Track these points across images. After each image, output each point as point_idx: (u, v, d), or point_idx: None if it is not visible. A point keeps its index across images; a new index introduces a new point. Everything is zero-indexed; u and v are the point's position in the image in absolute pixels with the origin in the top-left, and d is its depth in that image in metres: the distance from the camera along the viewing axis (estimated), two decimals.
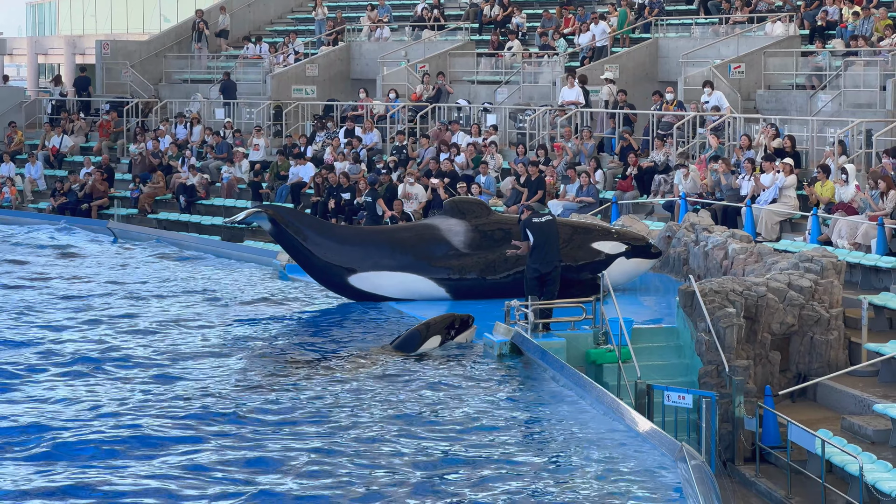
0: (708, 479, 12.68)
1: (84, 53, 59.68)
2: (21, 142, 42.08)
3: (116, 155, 40.23)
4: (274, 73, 40.37)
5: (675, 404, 16.90)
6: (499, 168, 31.15)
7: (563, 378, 17.29)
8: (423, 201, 29.90)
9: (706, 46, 33.23)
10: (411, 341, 19.74)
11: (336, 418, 15.80)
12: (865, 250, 21.98)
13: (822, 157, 25.67)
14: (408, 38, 41.00)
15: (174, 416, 15.81)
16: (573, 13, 38.08)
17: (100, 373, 18.11)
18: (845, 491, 15.34)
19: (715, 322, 18.03)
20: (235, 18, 47.00)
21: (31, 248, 31.25)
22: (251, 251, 30.04)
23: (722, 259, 21.70)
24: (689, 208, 25.79)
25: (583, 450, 14.69)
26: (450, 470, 13.97)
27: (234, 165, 35.67)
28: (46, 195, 38.38)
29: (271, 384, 17.54)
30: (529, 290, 19.72)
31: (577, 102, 32.46)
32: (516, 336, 18.94)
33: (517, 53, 36.96)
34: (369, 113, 36.26)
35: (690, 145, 29.02)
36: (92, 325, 21.51)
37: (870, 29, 30.49)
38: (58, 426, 15.22)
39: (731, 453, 17.24)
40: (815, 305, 19.11)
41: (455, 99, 36.01)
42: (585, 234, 22.89)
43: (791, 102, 30.12)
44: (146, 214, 36.00)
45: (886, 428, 16.74)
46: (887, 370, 18.46)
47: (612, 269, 21.87)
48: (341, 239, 23.38)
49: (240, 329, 21.44)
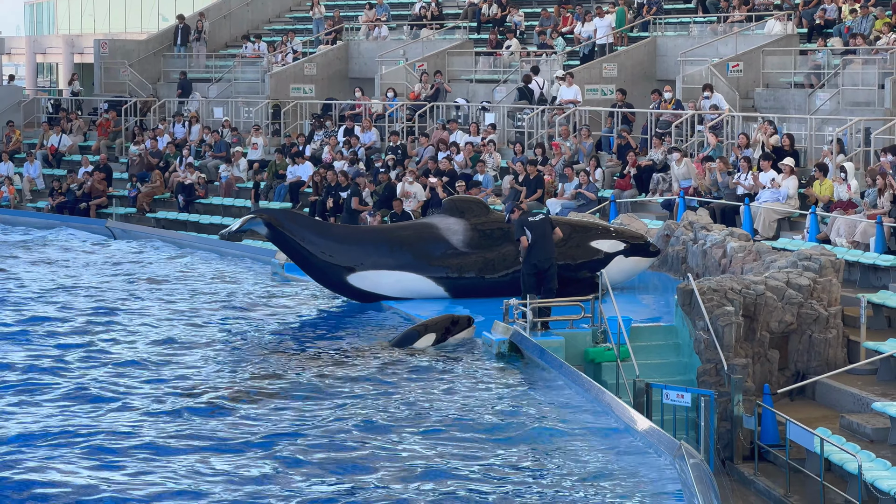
0: (707, 477, 12.69)
1: (82, 52, 59.63)
2: (19, 141, 42.08)
3: (115, 154, 40.21)
4: (272, 72, 40.36)
5: (674, 403, 16.90)
6: (497, 167, 31.15)
7: (562, 377, 17.30)
8: (422, 200, 29.89)
9: (704, 45, 33.22)
10: (408, 340, 19.81)
11: (333, 415, 15.81)
12: (864, 248, 21.98)
13: (820, 155, 25.66)
14: (406, 37, 40.98)
15: (170, 414, 15.81)
16: (571, 12, 38.06)
17: (97, 369, 18.11)
18: (844, 489, 15.34)
19: (713, 320, 18.03)
20: (234, 18, 46.99)
21: (29, 246, 31.27)
22: (249, 250, 30.04)
23: (720, 257, 21.70)
24: (686, 203, 25.80)
25: (581, 448, 14.69)
26: (445, 469, 13.96)
27: (233, 164, 35.67)
28: (45, 194, 38.36)
29: (268, 382, 17.55)
30: (527, 288, 19.76)
31: (576, 101, 32.47)
32: (515, 335, 18.95)
33: (515, 52, 36.96)
34: (367, 112, 36.26)
35: (689, 144, 29.01)
36: (91, 323, 21.52)
37: (868, 27, 30.49)
38: (56, 425, 15.25)
39: (729, 452, 17.24)
40: (814, 304, 19.11)
41: (453, 98, 36.01)
42: (584, 232, 22.90)
43: (789, 101, 30.12)
44: (145, 213, 35.99)
45: (885, 426, 16.74)
46: (886, 368, 18.46)
47: (610, 268, 21.89)
48: (339, 238, 23.38)
49: (238, 327, 21.44)
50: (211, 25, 45.85)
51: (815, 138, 26.88)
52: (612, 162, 29.90)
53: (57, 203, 36.92)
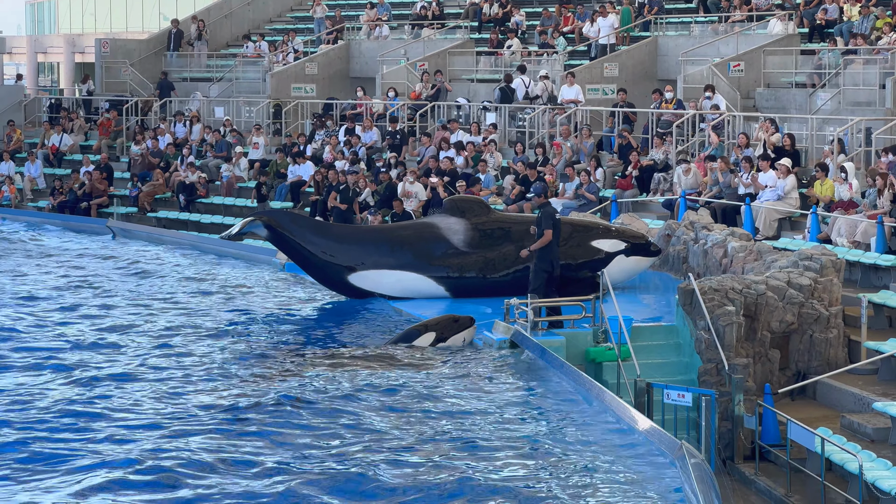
0: (707, 477, 12.68)
1: (83, 52, 59.65)
2: (20, 140, 42.09)
3: (116, 153, 40.22)
4: (273, 72, 40.36)
5: (675, 402, 16.91)
6: (498, 167, 31.15)
7: (563, 376, 17.29)
8: (423, 200, 29.90)
9: (705, 45, 33.22)
10: (408, 339, 19.82)
11: (331, 414, 15.81)
12: (865, 248, 21.98)
13: (821, 155, 25.66)
14: (407, 37, 40.99)
15: (170, 414, 15.81)
16: (572, 11, 38.07)
17: (96, 368, 18.12)
18: (845, 489, 15.35)
19: (714, 320, 18.04)
20: (235, 17, 47.00)
21: (30, 245, 31.29)
22: (250, 249, 30.05)
23: (721, 257, 21.71)
24: (687, 203, 25.80)
25: (581, 448, 14.69)
26: (443, 468, 13.96)
27: (234, 164, 35.67)
28: (46, 194, 38.38)
29: (267, 381, 17.55)
30: (536, 286, 19.74)
31: (577, 101, 32.48)
32: (516, 334, 18.95)
33: (517, 52, 36.96)
34: (368, 111, 36.26)
35: (690, 143, 29.02)
36: (88, 323, 21.53)
37: (869, 27, 30.49)
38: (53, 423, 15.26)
39: (730, 451, 17.25)
40: (815, 304, 19.12)
41: (454, 97, 36.01)
42: (585, 231, 22.92)
43: (790, 101, 30.12)
44: (146, 213, 36.00)
45: (886, 426, 16.75)
46: (887, 368, 18.47)
47: (611, 267, 21.89)
48: (339, 238, 23.41)
49: (238, 327, 21.45)
50: (212, 25, 45.86)
51: (816, 138, 26.88)
52: (613, 162, 29.90)
53: (58, 202, 36.93)
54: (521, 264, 21.36)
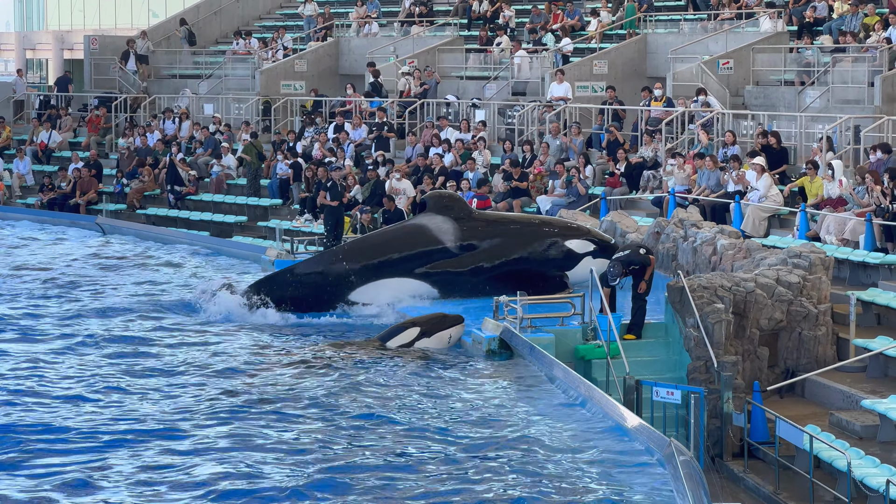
0: (696, 474, 12.70)
1: (72, 48, 59.53)
2: (9, 137, 42.01)
3: (105, 150, 40.16)
4: (262, 69, 40.32)
5: (664, 400, 16.93)
6: (487, 164, 31.14)
7: (552, 374, 17.31)
8: (412, 196, 29.87)
9: (695, 42, 33.26)
10: (395, 335, 19.89)
11: (323, 409, 15.83)
12: (853, 246, 22.02)
13: (810, 153, 25.70)
14: (396, 34, 40.98)
15: (162, 413, 15.81)
16: (562, 9, 38.08)
17: (87, 365, 18.11)
18: (833, 486, 15.38)
19: (703, 318, 18.06)
20: (224, 14, 46.95)
21: (17, 242, 31.26)
22: (240, 246, 30.03)
23: (711, 255, 21.72)
24: (677, 200, 25.82)
25: (571, 445, 14.70)
26: (434, 466, 13.97)
27: (223, 160, 35.63)
28: (35, 190, 38.31)
29: (255, 379, 17.56)
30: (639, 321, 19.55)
31: (566, 98, 32.49)
32: (505, 332, 18.97)
33: (506, 49, 36.96)
34: (357, 108, 36.24)
35: (679, 141, 29.05)
36: (85, 320, 21.52)
37: (858, 25, 30.54)
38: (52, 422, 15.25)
39: (719, 449, 17.28)
40: (804, 301, 19.15)
41: (444, 94, 36.00)
42: (555, 231, 23.09)
43: (779, 98, 30.15)
44: (135, 210, 35.96)
45: (874, 423, 16.78)
46: (875, 366, 18.51)
47: (578, 269, 22.14)
48: (329, 263, 23.22)
49: (229, 324, 21.45)
50: (201, 22, 45.80)
51: (804, 136, 26.91)
52: (603, 159, 29.92)
53: (47, 199, 36.87)
54: (509, 262, 22.00)
